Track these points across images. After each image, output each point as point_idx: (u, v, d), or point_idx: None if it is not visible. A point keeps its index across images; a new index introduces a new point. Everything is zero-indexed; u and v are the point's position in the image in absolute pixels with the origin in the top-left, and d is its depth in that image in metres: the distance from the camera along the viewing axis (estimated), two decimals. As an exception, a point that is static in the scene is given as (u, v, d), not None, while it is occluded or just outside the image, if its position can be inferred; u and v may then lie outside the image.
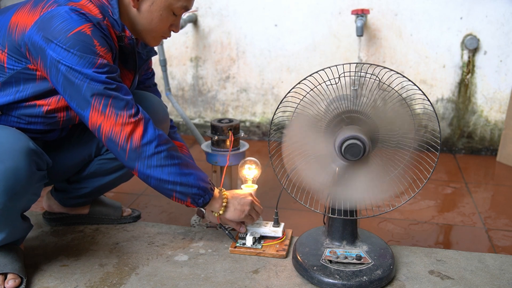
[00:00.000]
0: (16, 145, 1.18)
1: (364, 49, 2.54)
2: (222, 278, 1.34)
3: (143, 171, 1.26)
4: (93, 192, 1.61)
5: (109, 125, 1.22)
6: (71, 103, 1.23)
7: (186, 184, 1.29)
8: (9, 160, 1.16)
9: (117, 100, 1.22)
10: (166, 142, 1.28)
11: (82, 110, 1.21)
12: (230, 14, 2.63)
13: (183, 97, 2.84)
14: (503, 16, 2.38)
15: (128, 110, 1.23)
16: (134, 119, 1.23)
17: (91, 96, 1.19)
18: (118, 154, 1.25)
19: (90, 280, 1.34)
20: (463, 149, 2.61)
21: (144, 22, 1.32)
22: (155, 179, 1.27)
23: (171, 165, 1.27)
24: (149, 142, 1.24)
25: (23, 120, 1.30)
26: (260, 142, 2.77)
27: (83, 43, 1.17)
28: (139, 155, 1.24)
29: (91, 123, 1.23)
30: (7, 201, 1.19)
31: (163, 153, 1.26)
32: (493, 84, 2.48)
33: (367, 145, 1.20)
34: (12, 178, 1.17)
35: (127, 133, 1.22)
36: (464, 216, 1.90)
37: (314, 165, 1.30)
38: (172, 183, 1.28)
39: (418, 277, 1.35)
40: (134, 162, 1.25)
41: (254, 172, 1.58)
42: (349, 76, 1.23)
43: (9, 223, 1.27)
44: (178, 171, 1.28)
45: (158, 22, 1.31)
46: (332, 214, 1.35)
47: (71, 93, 1.20)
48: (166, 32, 1.36)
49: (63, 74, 1.18)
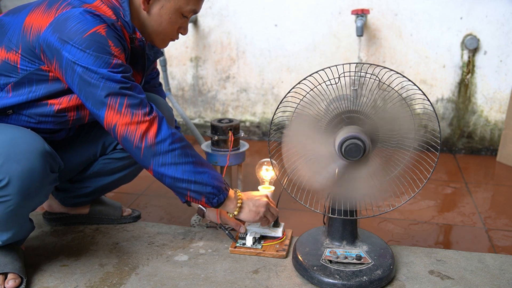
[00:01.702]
0: (32, 146, 1.19)
1: (364, 49, 2.54)
2: (222, 278, 1.34)
3: (158, 169, 1.26)
4: (95, 192, 1.61)
5: (124, 124, 1.22)
6: (86, 103, 1.23)
7: (200, 183, 1.29)
8: (25, 161, 1.17)
9: (132, 98, 1.22)
10: (180, 140, 1.28)
11: (97, 109, 1.22)
12: (230, 14, 2.63)
13: (183, 97, 2.84)
14: (503, 16, 2.38)
15: (143, 109, 1.24)
16: (149, 117, 1.24)
17: (107, 96, 1.20)
18: (134, 153, 1.26)
19: (90, 280, 1.34)
20: (463, 149, 2.61)
21: (154, 25, 1.33)
22: (170, 177, 1.27)
23: (185, 163, 1.27)
24: (163, 140, 1.25)
25: (34, 119, 1.30)
26: (260, 142, 2.77)
27: (98, 44, 1.18)
28: (153, 153, 1.24)
29: (107, 123, 1.23)
30: (21, 201, 1.19)
31: (177, 150, 1.26)
32: (493, 84, 2.48)
33: (367, 145, 1.20)
34: (27, 179, 1.17)
35: (142, 131, 1.23)
36: (464, 216, 1.90)
37: (314, 165, 1.30)
38: (187, 182, 1.28)
39: (418, 277, 1.35)
40: (149, 160, 1.25)
41: (271, 173, 1.57)
42: (349, 76, 1.23)
43: (18, 223, 1.28)
44: (192, 169, 1.28)
45: (168, 24, 1.34)
46: (332, 214, 1.35)
47: (87, 93, 1.21)
48: (175, 34, 1.39)
49: (79, 74, 1.19)
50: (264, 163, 1.57)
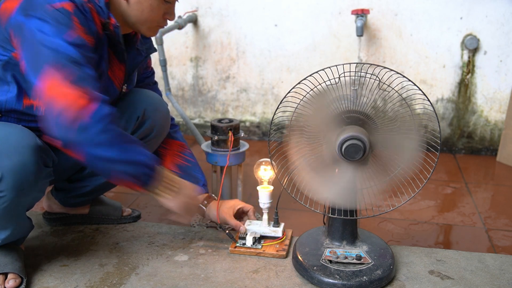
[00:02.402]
0: (23, 140, 1.18)
1: (364, 49, 2.54)
2: (222, 278, 1.34)
3: (88, 150, 1.15)
4: (94, 191, 1.61)
5: (61, 97, 1.12)
6: (27, 66, 1.16)
7: (132, 162, 1.20)
8: (16, 155, 1.16)
9: (77, 74, 1.14)
10: (115, 121, 1.18)
11: (35, 74, 1.14)
12: (230, 14, 2.63)
13: (183, 97, 2.84)
14: (503, 16, 2.38)
15: (84, 86, 1.14)
16: (88, 95, 1.13)
17: (52, 64, 1.13)
18: (58, 126, 1.13)
19: (90, 280, 1.34)
20: (463, 149, 2.61)
21: (135, 14, 1.31)
22: (99, 157, 1.16)
23: (116, 142, 1.17)
24: (98, 119, 1.14)
25: (24, 119, 1.30)
26: (260, 142, 2.77)
27: (62, 16, 1.16)
28: (85, 132, 1.12)
29: (42, 91, 1.13)
30: (15, 197, 1.19)
31: (110, 132, 1.16)
32: (493, 84, 2.48)
33: (367, 145, 1.20)
34: (19, 174, 1.17)
35: (78, 107, 1.11)
36: (464, 216, 1.90)
37: (314, 165, 1.30)
38: (117, 162, 1.18)
39: (418, 277, 1.35)
40: (78, 138, 1.13)
41: (270, 173, 1.56)
42: (349, 76, 1.23)
43: (15, 220, 1.27)
44: (122, 148, 1.18)
45: (150, 12, 1.31)
46: (332, 214, 1.35)
47: (32, 56, 1.15)
48: (161, 21, 1.35)
49: (33, 39, 1.15)
50: (262, 163, 1.57)
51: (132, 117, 1.48)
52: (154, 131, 1.52)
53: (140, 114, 1.48)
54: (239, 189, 1.77)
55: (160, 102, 1.55)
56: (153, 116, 1.51)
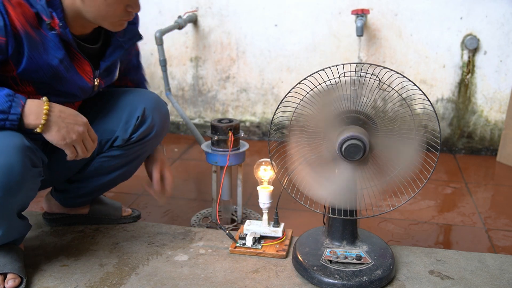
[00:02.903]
0: (10, 141, 1.17)
1: (364, 49, 2.54)
2: (222, 278, 1.34)
3: None
4: (93, 191, 1.61)
5: None
6: None
7: None
8: (2, 156, 1.15)
9: None
10: None
11: None
12: (230, 14, 2.63)
13: (183, 97, 2.84)
14: (503, 16, 2.38)
15: None
16: None
17: None
18: None
19: (90, 280, 1.33)
20: (463, 149, 2.61)
21: (92, 11, 1.26)
22: None
23: None
24: None
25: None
26: (260, 142, 2.77)
27: None
28: None
29: None
30: (2, 198, 1.18)
31: None
32: (493, 84, 2.48)
33: (367, 145, 1.20)
34: (5, 174, 1.16)
35: None
36: (464, 216, 1.90)
37: (314, 165, 1.30)
38: None
39: (418, 277, 1.35)
40: None
41: (270, 173, 1.56)
42: (349, 76, 1.23)
43: (5, 221, 1.25)
44: None
45: (106, 7, 1.25)
46: (332, 214, 1.35)
47: None
48: (123, 15, 1.29)
49: None
50: (262, 163, 1.57)
51: (132, 116, 1.48)
52: (154, 130, 1.52)
53: (140, 113, 1.48)
54: (239, 189, 1.77)
55: (159, 102, 1.55)
56: (153, 115, 1.51)
